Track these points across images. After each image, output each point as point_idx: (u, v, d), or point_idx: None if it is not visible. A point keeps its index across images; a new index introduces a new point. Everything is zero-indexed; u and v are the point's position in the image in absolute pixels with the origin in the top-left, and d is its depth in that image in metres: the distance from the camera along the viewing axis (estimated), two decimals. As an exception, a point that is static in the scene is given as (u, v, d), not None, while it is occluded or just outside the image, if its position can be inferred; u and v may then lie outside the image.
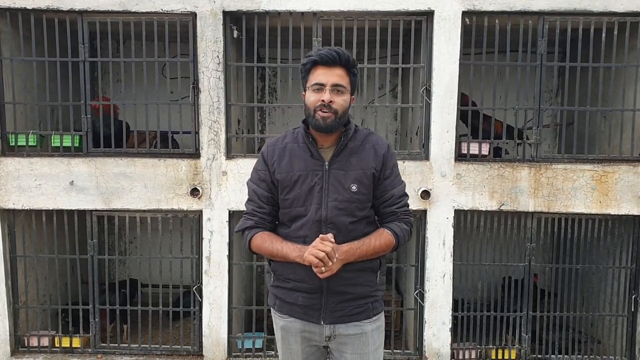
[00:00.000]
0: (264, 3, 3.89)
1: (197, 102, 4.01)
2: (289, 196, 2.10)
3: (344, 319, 2.12)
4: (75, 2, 3.89)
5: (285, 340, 2.22)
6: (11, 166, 4.03)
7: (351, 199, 2.07)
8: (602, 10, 3.85)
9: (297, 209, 2.10)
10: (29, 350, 4.25)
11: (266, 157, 2.16)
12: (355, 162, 2.10)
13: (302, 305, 2.13)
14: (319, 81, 2.03)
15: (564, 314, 4.31)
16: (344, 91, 2.05)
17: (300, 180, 2.08)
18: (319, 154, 2.10)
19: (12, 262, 4.17)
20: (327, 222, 2.06)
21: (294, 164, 2.10)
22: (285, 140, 2.16)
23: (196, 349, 4.23)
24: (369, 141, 2.15)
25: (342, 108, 2.04)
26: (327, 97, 2.01)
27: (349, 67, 2.06)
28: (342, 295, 2.10)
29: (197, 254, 4.15)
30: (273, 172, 2.12)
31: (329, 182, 2.07)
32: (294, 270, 2.10)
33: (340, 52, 2.02)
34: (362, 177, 2.09)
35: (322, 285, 2.07)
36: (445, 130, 3.97)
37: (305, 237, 2.07)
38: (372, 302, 2.17)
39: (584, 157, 4.09)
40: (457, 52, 3.90)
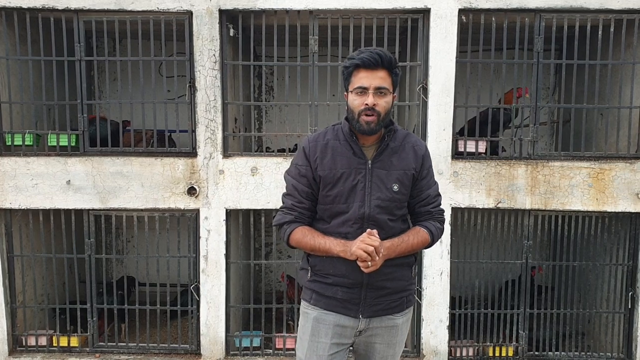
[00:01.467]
0: (260, 1, 3.88)
1: (194, 101, 4.01)
2: (331, 192, 2.12)
3: (381, 312, 2.18)
4: (71, 1, 3.88)
5: (316, 331, 2.21)
6: (8, 166, 4.02)
7: (393, 198, 2.12)
8: (599, 8, 3.85)
9: (339, 206, 2.12)
10: (27, 349, 4.25)
11: (308, 153, 2.16)
12: (396, 162, 2.14)
13: (341, 299, 2.16)
14: (362, 84, 2.04)
15: (560, 311, 4.32)
16: (387, 93, 2.06)
17: (343, 177, 2.11)
18: (361, 152, 2.12)
19: (10, 261, 4.17)
20: (369, 219, 2.09)
21: (337, 161, 2.12)
22: (327, 137, 2.17)
23: (194, 347, 4.24)
24: (408, 141, 2.18)
25: (385, 110, 2.07)
26: (370, 101, 2.03)
27: (391, 68, 2.06)
28: (381, 290, 2.15)
29: (194, 252, 4.15)
30: (315, 169, 2.13)
31: (371, 180, 2.11)
32: (334, 265, 2.13)
33: (382, 55, 2.03)
34: (403, 177, 2.13)
35: (363, 280, 2.12)
36: (442, 129, 3.97)
37: (347, 234, 2.11)
38: (407, 295, 2.24)
39: (581, 154, 4.09)
40: (454, 49, 3.90)
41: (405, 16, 3.97)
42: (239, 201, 4.06)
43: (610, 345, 4.35)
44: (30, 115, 4.19)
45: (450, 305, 4.14)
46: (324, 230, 2.15)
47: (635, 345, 4.19)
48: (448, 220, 4.03)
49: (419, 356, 4.19)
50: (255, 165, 4.02)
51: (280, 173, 4.02)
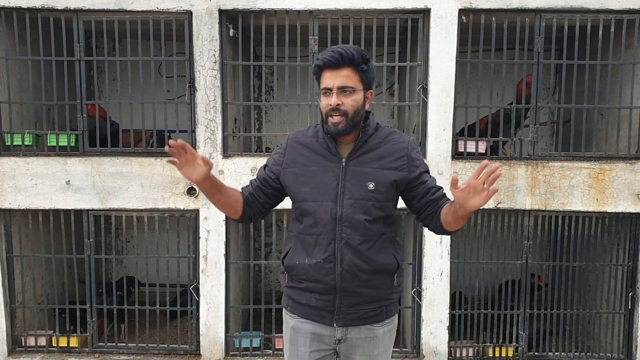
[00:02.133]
0: (260, 1, 3.88)
1: (194, 101, 4.00)
2: (303, 190, 2.07)
3: (357, 322, 2.08)
4: (71, 1, 3.87)
5: (294, 341, 2.17)
6: (7, 166, 4.01)
7: (367, 196, 2.02)
8: (599, 8, 3.85)
9: (309, 204, 2.06)
10: (27, 350, 4.25)
11: (283, 148, 2.16)
12: (374, 160, 2.05)
13: (315, 307, 2.09)
14: (326, 85, 2.00)
15: (561, 312, 4.31)
16: (353, 91, 1.99)
17: (316, 175, 2.06)
18: (337, 150, 2.07)
19: (9, 261, 4.16)
20: (342, 219, 2.02)
21: (311, 159, 2.08)
22: (307, 134, 2.15)
23: (194, 348, 4.23)
24: (390, 140, 2.10)
25: (353, 109, 2.00)
26: (333, 101, 1.98)
27: (357, 65, 1.99)
28: (356, 297, 2.06)
29: (194, 253, 4.15)
30: (287, 165, 2.11)
31: (345, 179, 2.04)
32: (306, 270, 2.07)
33: (343, 52, 1.96)
34: (380, 175, 2.04)
35: (335, 285, 2.04)
36: (442, 129, 3.97)
37: (319, 235, 2.05)
38: (386, 305, 2.12)
39: (581, 154, 4.09)
40: (454, 50, 3.90)
41: (406, 16, 3.96)
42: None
43: (610, 346, 4.34)
44: (30, 116, 4.19)
45: (450, 304, 4.14)
46: (299, 232, 2.11)
47: (636, 346, 4.19)
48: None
49: (419, 356, 4.18)
50: (255, 166, 4.02)
51: (280, 173, 4.01)
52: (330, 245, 2.03)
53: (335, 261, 2.03)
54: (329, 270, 2.03)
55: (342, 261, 2.02)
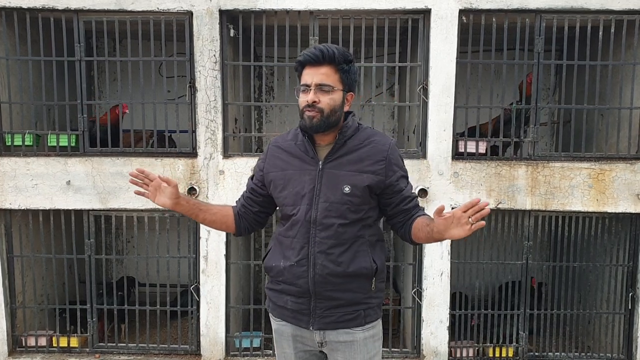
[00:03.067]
0: (261, 2, 3.88)
1: (194, 101, 4.01)
2: (282, 194, 2.06)
3: (333, 325, 2.05)
4: (71, 1, 3.87)
5: (279, 343, 2.19)
6: (7, 166, 4.01)
7: (342, 200, 1.98)
8: (599, 8, 3.85)
9: (287, 208, 2.06)
10: (27, 350, 4.25)
11: (265, 154, 2.17)
12: (352, 163, 2.01)
13: (292, 310, 2.08)
14: (304, 82, 1.98)
15: (561, 312, 4.31)
16: (331, 90, 1.96)
17: (293, 179, 2.04)
18: (314, 153, 2.04)
19: (9, 262, 4.16)
20: (316, 223, 2.00)
21: (289, 162, 2.07)
22: (287, 138, 2.14)
23: (194, 348, 4.23)
24: (371, 141, 2.05)
25: (329, 107, 1.96)
26: (310, 98, 1.95)
27: (337, 64, 1.96)
28: (330, 300, 2.03)
29: (194, 253, 4.15)
30: (268, 171, 2.11)
31: (321, 182, 2.01)
32: (281, 272, 2.07)
33: (324, 50, 1.94)
34: (356, 178, 1.99)
35: (308, 288, 2.02)
36: (442, 129, 3.97)
37: (294, 238, 2.04)
38: (364, 309, 2.07)
39: (581, 155, 4.09)
40: (454, 50, 3.90)
41: (406, 17, 3.97)
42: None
43: (610, 346, 4.35)
44: (30, 116, 4.19)
45: (450, 304, 4.14)
46: (279, 233, 2.12)
47: (636, 346, 4.19)
48: (448, 220, 4.01)
49: (419, 357, 4.19)
50: (255, 166, 4.02)
51: (281, 173, 4.01)
52: (304, 248, 2.02)
53: (308, 265, 2.01)
54: (301, 273, 2.02)
55: (314, 265, 2.00)
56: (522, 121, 4.14)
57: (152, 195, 2.05)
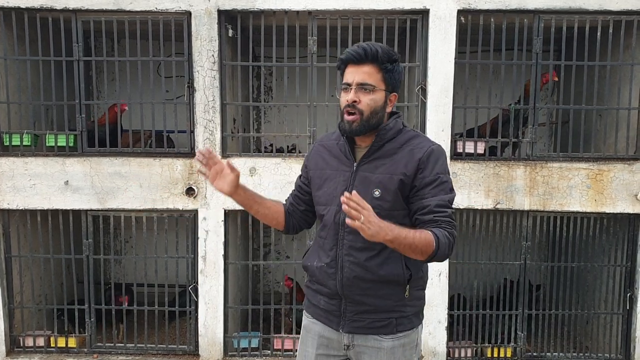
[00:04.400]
0: (259, 2, 3.88)
1: (192, 101, 4.00)
2: (317, 193, 2.07)
3: (363, 330, 2.01)
4: (69, 1, 3.87)
5: (304, 340, 2.16)
6: (5, 166, 4.01)
7: (372, 204, 1.79)
8: (597, 9, 3.85)
9: (320, 207, 2.05)
10: (25, 350, 4.24)
11: (309, 152, 2.17)
12: (386, 166, 1.93)
13: (324, 310, 2.07)
14: (346, 80, 1.92)
15: (559, 312, 4.32)
16: (373, 90, 1.89)
17: (329, 179, 2.02)
18: (351, 154, 2.00)
19: (7, 262, 4.16)
20: (344, 225, 1.93)
21: (328, 162, 2.05)
22: (332, 137, 2.12)
23: (192, 348, 4.23)
24: (409, 144, 1.95)
25: (370, 108, 1.89)
26: (350, 97, 1.89)
27: (380, 63, 1.88)
28: (360, 305, 1.99)
29: (192, 253, 4.15)
30: (309, 169, 2.13)
31: (353, 184, 1.96)
32: (314, 272, 2.06)
33: (367, 48, 1.87)
34: (387, 182, 1.91)
35: (337, 290, 2.00)
36: (441, 129, 3.97)
37: (325, 239, 2.03)
38: (396, 317, 1.99)
39: (580, 155, 4.09)
40: (453, 50, 3.90)
41: (404, 17, 3.97)
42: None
43: (608, 346, 4.35)
44: (28, 116, 4.18)
45: (448, 305, 4.14)
46: (317, 234, 2.12)
47: (634, 346, 4.19)
48: (447, 221, 4.02)
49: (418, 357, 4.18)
50: (254, 166, 4.02)
51: (279, 174, 4.02)
52: (333, 250, 2.00)
53: (336, 267, 1.99)
54: (331, 275, 2.01)
55: (342, 268, 1.98)
56: (521, 122, 4.14)
57: (212, 177, 1.99)
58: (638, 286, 4.14)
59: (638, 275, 4.13)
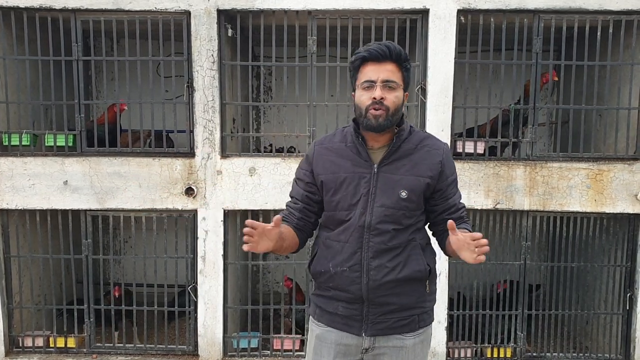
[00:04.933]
0: (259, 1, 3.87)
1: (192, 101, 4.00)
2: (334, 198, 1.99)
3: (386, 331, 2.00)
4: (69, 1, 3.86)
5: (318, 350, 2.10)
6: (4, 166, 4.00)
7: (399, 205, 1.93)
8: (597, 9, 3.85)
9: (341, 213, 1.99)
10: (24, 350, 4.23)
11: (311, 157, 2.06)
12: (407, 167, 1.96)
13: (343, 316, 2.02)
14: (369, 78, 1.91)
15: (559, 312, 4.31)
16: (396, 87, 1.92)
17: (346, 182, 1.97)
18: (368, 155, 1.98)
19: (6, 262, 4.15)
20: (370, 228, 1.94)
21: (340, 165, 1.99)
22: (334, 140, 2.06)
23: (191, 348, 4.22)
24: (425, 145, 2.01)
25: (395, 105, 1.92)
26: (378, 94, 1.89)
27: (401, 62, 1.93)
28: (384, 306, 1.98)
29: (192, 253, 4.14)
30: (317, 173, 2.03)
31: (377, 186, 1.95)
32: (332, 278, 2.01)
33: (390, 46, 1.91)
34: (414, 183, 1.95)
35: (361, 294, 1.97)
36: (441, 129, 3.97)
37: (345, 243, 1.98)
38: (419, 313, 2.03)
39: (579, 155, 4.09)
40: (452, 50, 3.89)
41: (404, 17, 3.96)
42: (237, 202, 4.05)
43: (608, 347, 4.35)
44: (28, 115, 4.17)
45: (448, 306, 4.14)
46: (326, 238, 2.05)
47: (633, 347, 4.19)
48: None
49: (417, 357, 4.18)
50: (254, 166, 4.01)
51: (279, 173, 4.01)
52: (357, 253, 1.97)
53: (361, 270, 1.97)
54: (354, 279, 1.97)
55: (368, 271, 1.96)
56: (521, 121, 4.14)
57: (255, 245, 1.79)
58: (638, 286, 4.13)
59: (638, 275, 4.13)
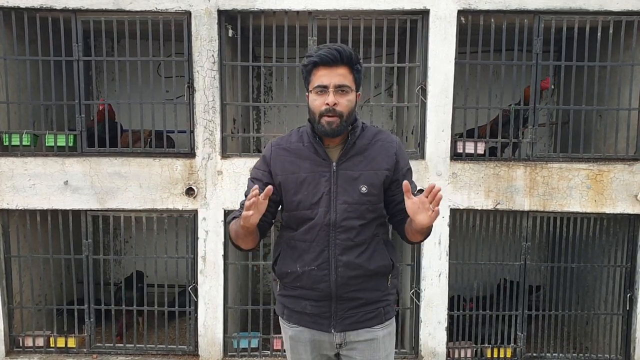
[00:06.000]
0: (259, 2, 3.87)
1: (192, 102, 4.00)
2: (294, 199, 2.01)
3: (355, 325, 2.05)
4: (69, 1, 3.86)
5: (295, 350, 2.14)
6: (5, 166, 4.00)
7: (361, 200, 1.98)
8: (598, 9, 3.85)
9: (303, 212, 2.00)
10: (24, 350, 4.24)
11: (268, 158, 2.07)
12: (365, 162, 2.01)
13: (311, 314, 2.05)
14: (321, 83, 1.93)
15: (559, 313, 4.32)
16: (349, 91, 1.95)
17: (306, 182, 1.99)
18: (326, 154, 2.01)
19: (7, 262, 4.15)
20: (336, 225, 1.97)
21: (299, 165, 2.01)
22: (291, 140, 2.08)
23: (192, 348, 4.23)
24: (378, 139, 2.05)
25: (348, 109, 1.95)
26: (331, 100, 1.91)
27: (352, 64, 1.95)
28: (351, 301, 2.03)
29: (192, 253, 4.14)
30: (275, 174, 2.04)
31: (337, 183, 1.98)
32: (299, 277, 2.03)
33: (341, 50, 1.92)
34: (372, 177, 2.00)
35: (330, 292, 2.00)
36: (441, 130, 3.97)
37: (312, 242, 2.00)
38: (383, 306, 2.09)
39: (580, 156, 4.09)
40: (453, 51, 3.90)
41: (405, 17, 3.96)
42: (237, 202, 4.03)
43: (608, 347, 4.35)
44: (28, 116, 4.18)
45: (448, 306, 4.14)
46: (291, 238, 2.05)
47: (634, 347, 4.19)
48: (447, 221, 4.03)
49: (417, 357, 4.18)
50: (254, 166, 4.01)
51: (279, 174, 4.01)
52: (324, 252, 1.99)
53: (329, 268, 1.99)
54: (322, 277, 2.00)
55: (336, 268, 1.99)
56: (521, 122, 4.14)
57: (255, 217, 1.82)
58: (638, 287, 4.14)
59: (638, 275, 4.13)
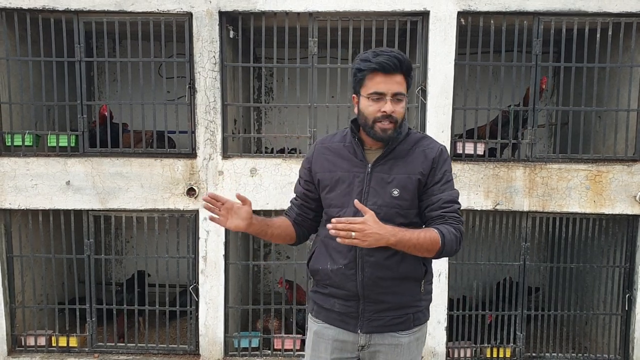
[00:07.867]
0: (260, 3, 3.89)
1: (194, 102, 4.02)
2: (329, 196, 2.05)
3: (382, 328, 2.04)
4: (71, 2, 3.89)
5: (316, 346, 2.14)
6: (7, 166, 4.03)
7: (391, 203, 1.97)
8: (597, 11, 3.87)
9: (334, 210, 2.03)
10: (26, 349, 4.26)
11: (311, 155, 2.14)
12: (400, 166, 2.00)
13: (339, 312, 2.06)
14: (378, 90, 1.92)
15: (558, 313, 4.33)
16: (403, 99, 1.96)
17: (341, 180, 2.02)
18: (363, 156, 2.03)
19: (9, 262, 4.17)
20: None
21: (337, 164, 2.05)
22: (334, 139, 2.12)
23: (193, 348, 4.25)
24: (420, 145, 2.04)
25: (402, 116, 1.96)
26: (389, 108, 1.92)
27: (409, 73, 1.97)
28: (380, 304, 2.02)
29: (193, 253, 4.16)
30: (315, 172, 2.09)
31: (369, 185, 1.99)
32: (329, 275, 2.04)
33: (401, 59, 1.93)
34: (405, 181, 1.98)
35: (358, 292, 2.00)
36: (441, 131, 3.99)
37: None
38: (413, 312, 2.06)
39: (579, 157, 4.11)
40: (453, 52, 3.92)
41: (405, 18, 3.98)
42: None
43: (607, 347, 4.36)
44: (30, 116, 4.20)
45: (448, 306, 4.16)
46: (325, 235, 2.04)
47: (632, 347, 4.21)
48: (446, 221, 4.04)
49: (417, 357, 4.20)
50: (255, 167, 4.04)
51: (280, 174, 4.04)
52: (352, 251, 1.99)
53: (356, 268, 2.00)
54: (350, 276, 2.00)
55: (363, 268, 1.99)
56: (520, 123, 4.16)
57: (223, 219, 1.97)
58: (637, 287, 4.15)
59: (637, 276, 4.15)
